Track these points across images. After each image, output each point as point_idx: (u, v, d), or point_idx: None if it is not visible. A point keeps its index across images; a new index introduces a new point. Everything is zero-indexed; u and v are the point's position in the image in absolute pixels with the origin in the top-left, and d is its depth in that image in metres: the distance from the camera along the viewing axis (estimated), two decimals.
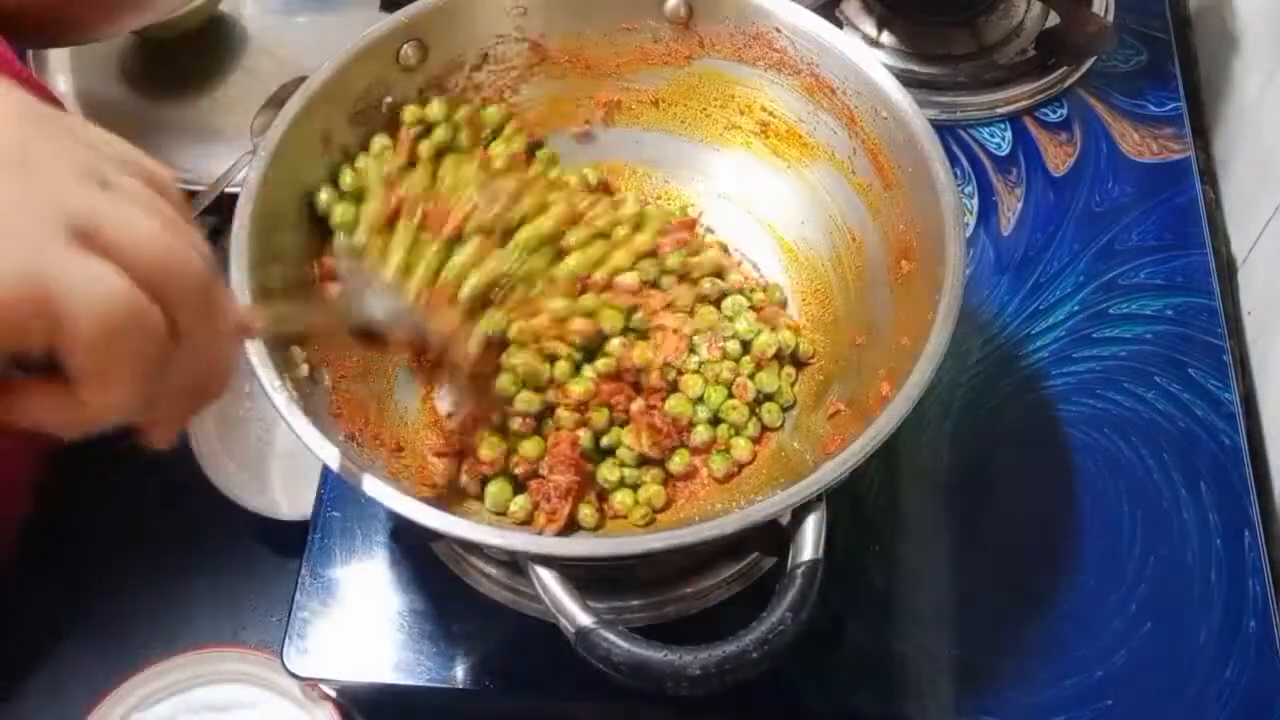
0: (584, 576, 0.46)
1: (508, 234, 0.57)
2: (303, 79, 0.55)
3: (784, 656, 0.42)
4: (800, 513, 0.45)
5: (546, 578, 0.44)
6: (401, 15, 0.58)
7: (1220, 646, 0.59)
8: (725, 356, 0.58)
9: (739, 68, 0.61)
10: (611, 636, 0.42)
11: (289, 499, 0.75)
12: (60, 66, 0.90)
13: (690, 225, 0.62)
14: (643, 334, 0.58)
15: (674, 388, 0.57)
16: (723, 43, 0.61)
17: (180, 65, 0.91)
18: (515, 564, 0.59)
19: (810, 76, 0.59)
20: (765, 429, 0.58)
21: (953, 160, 0.75)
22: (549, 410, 0.56)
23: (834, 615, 0.59)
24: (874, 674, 0.58)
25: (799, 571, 0.44)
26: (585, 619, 0.43)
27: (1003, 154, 0.77)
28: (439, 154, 0.59)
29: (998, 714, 0.57)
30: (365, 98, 0.58)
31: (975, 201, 0.74)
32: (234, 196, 0.52)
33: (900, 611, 0.60)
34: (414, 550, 0.62)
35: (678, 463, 0.56)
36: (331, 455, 0.46)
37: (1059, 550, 0.62)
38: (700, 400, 0.57)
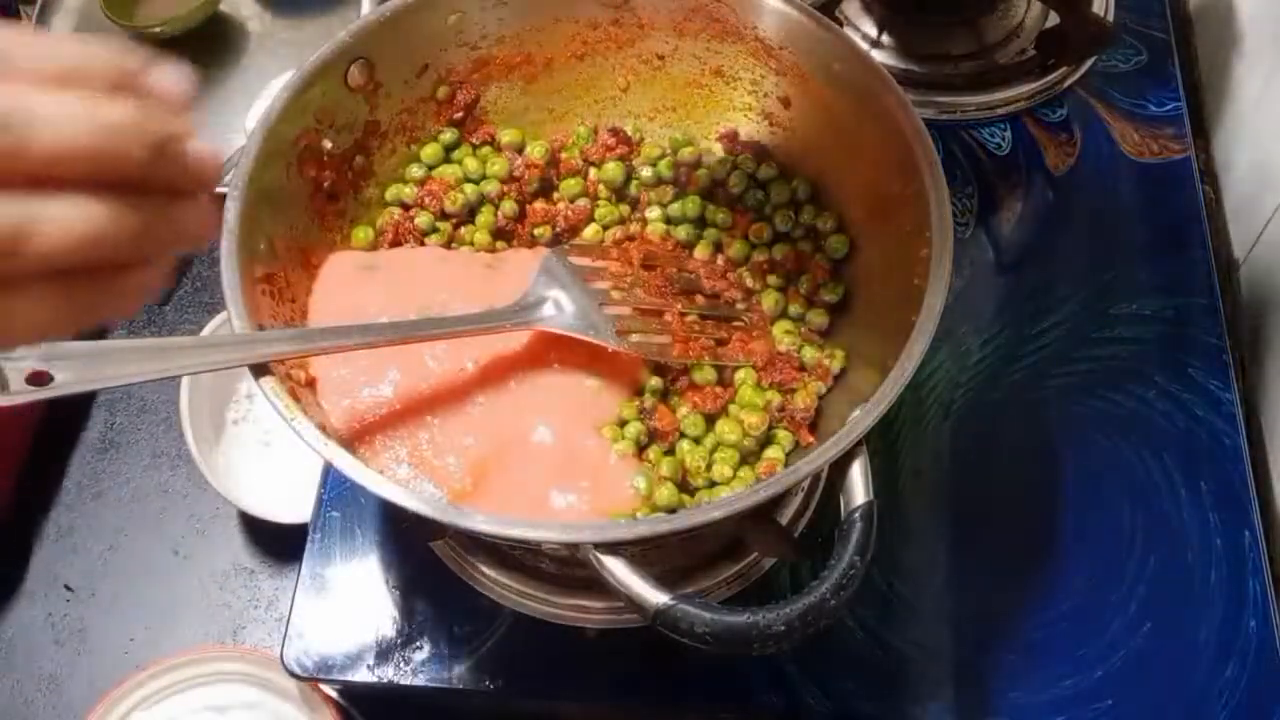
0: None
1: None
2: None
3: (855, 601, 0.44)
4: (844, 462, 0.46)
5: (612, 564, 0.44)
6: (345, 35, 0.56)
7: (1220, 646, 0.59)
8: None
9: (679, 40, 0.61)
10: (691, 609, 0.43)
11: (288, 500, 0.75)
12: None
13: (732, 136, 0.62)
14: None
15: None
16: (661, 20, 0.61)
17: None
18: (513, 559, 0.59)
19: (755, 41, 0.59)
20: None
21: (953, 160, 0.76)
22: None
23: None
24: (874, 674, 0.58)
25: (856, 515, 0.45)
26: (661, 597, 0.43)
27: (1003, 154, 0.77)
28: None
29: (998, 714, 0.57)
30: (307, 137, 0.55)
31: (975, 201, 0.74)
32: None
33: (900, 611, 0.60)
34: (413, 550, 0.62)
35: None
36: (336, 455, 0.46)
37: (1059, 550, 0.62)
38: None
